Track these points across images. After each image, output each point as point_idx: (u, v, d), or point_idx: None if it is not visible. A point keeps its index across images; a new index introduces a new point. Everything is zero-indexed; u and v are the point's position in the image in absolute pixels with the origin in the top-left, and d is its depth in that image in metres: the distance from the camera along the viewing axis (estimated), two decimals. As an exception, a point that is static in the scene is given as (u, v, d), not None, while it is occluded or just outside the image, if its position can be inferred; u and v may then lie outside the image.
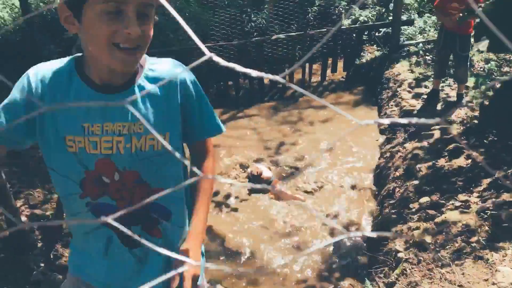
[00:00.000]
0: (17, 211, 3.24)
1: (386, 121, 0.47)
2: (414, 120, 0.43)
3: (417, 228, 3.41)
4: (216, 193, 4.75)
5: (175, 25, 6.91)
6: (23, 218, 3.47)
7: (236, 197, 4.70)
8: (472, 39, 4.84)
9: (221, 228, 4.26)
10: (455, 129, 4.56)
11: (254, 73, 0.43)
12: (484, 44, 3.58)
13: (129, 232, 0.48)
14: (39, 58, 5.40)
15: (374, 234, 0.40)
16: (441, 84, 5.43)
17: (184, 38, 6.77)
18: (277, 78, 0.42)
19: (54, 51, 5.96)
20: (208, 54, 0.44)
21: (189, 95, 1.39)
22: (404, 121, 0.45)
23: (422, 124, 4.86)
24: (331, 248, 3.99)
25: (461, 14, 4.65)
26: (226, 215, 4.46)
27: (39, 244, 3.32)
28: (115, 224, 0.44)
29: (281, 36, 6.89)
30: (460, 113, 4.80)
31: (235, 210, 4.51)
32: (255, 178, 4.77)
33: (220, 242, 4.11)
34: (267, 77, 0.44)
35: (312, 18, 7.78)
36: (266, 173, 4.82)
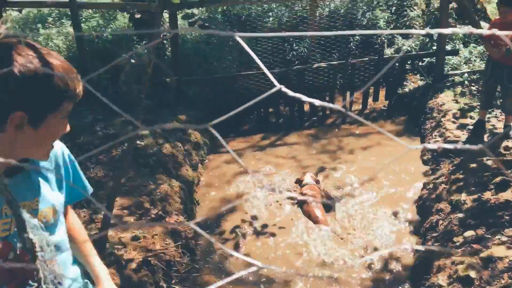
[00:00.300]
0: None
1: (434, 146, 0.50)
2: (460, 145, 0.45)
3: (462, 262, 3.30)
4: (254, 217, 4.78)
5: (219, 53, 7.11)
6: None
7: (274, 225, 4.70)
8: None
9: (256, 254, 4.27)
10: (499, 162, 4.42)
11: (317, 102, 0.47)
12: None
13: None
14: (90, 83, 5.64)
15: (422, 247, 0.42)
16: (488, 115, 5.30)
17: (227, 66, 6.94)
18: (337, 107, 0.46)
19: (104, 76, 6.24)
20: (278, 85, 0.49)
21: (68, 167, 1.54)
22: (450, 146, 0.48)
23: (466, 149, 4.75)
24: (373, 281, 3.90)
25: (508, 46, 4.57)
26: (262, 241, 4.46)
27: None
28: None
29: (323, 64, 6.95)
30: (508, 145, 4.66)
31: (273, 235, 4.51)
32: (298, 182, 5.21)
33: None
34: (328, 106, 0.47)
35: (354, 47, 7.82)
36: (307, 179, 5.09)
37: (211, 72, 6.91)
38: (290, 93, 0.48)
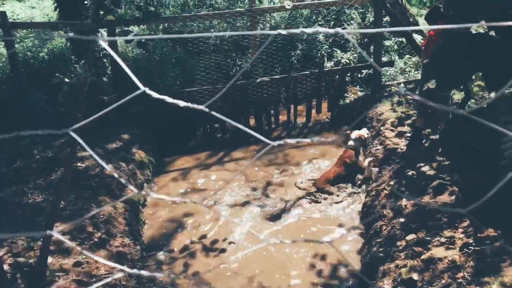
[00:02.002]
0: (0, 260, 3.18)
1: (292, 141, 0.50)
2: (316, 139, 0.46)
3: (404, 265, 3.40)
4: (203, 236, 4.72)
5: (161, 70, 7.05)
6: (6, 267, 3.40)
7: (224, 240, 4.66)
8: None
9: (206, 270, 4.22)
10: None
11: (181, 103, 0.47)
12: (433, 82, 3.72)
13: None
14: (26, 105, 5.41)
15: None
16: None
17: (170, 83, 6.88)
18: (201, 107, 0.46)
19: (41, 98, 6.01)
20: (142, 88, 0.48)
21: None
22: (307, 140, 0.49)
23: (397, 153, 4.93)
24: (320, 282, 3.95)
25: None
26: (211, 258, 4.41)
27: (21, 294, 3.24)
28: None
29: (265, 79, 7.04)
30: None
31: (223, 251, 4.47)
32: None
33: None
34: (193, 107, 0.47)
35: (295, 61, 7.98)
36: (357, 132, 5.74)
37: (153, 89, 6.78)
38: (155, 95, 0.47)
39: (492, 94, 4.76)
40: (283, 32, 0.52)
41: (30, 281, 3.32)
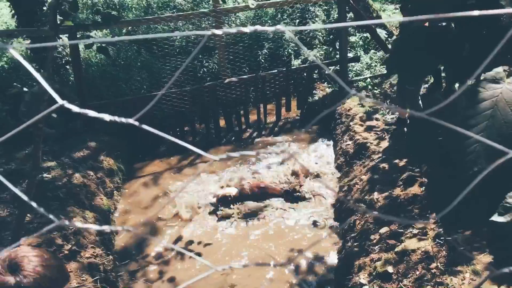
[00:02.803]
0: None
1: (236, 154, 0.47)
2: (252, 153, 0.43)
3: (379, 259, 3.42)
4: (178, 238, 4.66)
5: (127, 75, 6.92)
6: None
7: (199, 243, 4.61)
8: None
9: (181, 275, 4.15)
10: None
11: (107, 117, 0.44)
12: (395, 77, 3.78)
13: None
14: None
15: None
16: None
17: (137, 87, 6.77)
18: (131, 121, 0.43)
19: (2, 108, 5.80)
20: (60, 101, 0.45)
21: None
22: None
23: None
24: (297, 281, 3.94)
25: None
26: (187, 262, 4.35)
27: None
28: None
29: (234, 79, 7.00)
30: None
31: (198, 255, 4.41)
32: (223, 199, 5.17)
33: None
34: (120, 120, 0.44)
35: (263, 60, 7.97)
36: (230, 190, 5.25)
37: (120, 94, 6.69)
38: (76, 109, 0.44)
39: (456, 86, 4.85)
40: (218, 32, 0.49)
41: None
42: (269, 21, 8.42)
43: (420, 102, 5.14)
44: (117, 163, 5.93)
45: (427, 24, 4.39)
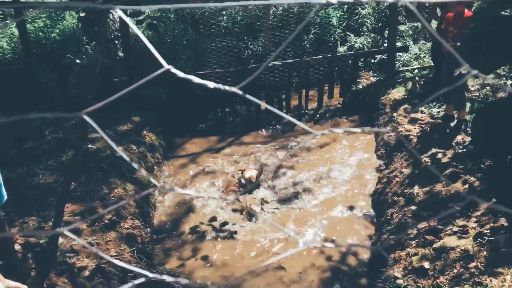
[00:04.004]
0: (11, 239, 3.20)
1: (339, 130, 0.47)
2: (367, 129, 0.42)
3: (416, 254, 3.37)
4: (213, 218, 4.73)
5: (172, 53, 6.99)
6: (17, 247, 3.43)
7: (234, 224, 4.67)
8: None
9: (217, 252, 4.22)
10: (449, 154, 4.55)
11: (211, 84, 0.44)
12: (465, 67, 3.62)
13: None
14: (38, 86, 5.41)
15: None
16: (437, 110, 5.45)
17: (182, 66, 6.84)
18: (234, 89, 0.43)
19: (52, 79, 6.00)
20: (166, 66, 0.46)
21: None
22: (339, 131, 0.45)
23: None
24: (331, 275, 3.94)
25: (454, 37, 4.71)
26: (222, 240, 4.42)
27: (33, 273, 3.27)
28: None
29: (278, 63, 6.96)
30: (458, 138, 4.80)
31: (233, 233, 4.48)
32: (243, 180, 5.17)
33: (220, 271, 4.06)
34: (224, 88, 0.44)
35: (308, 45, 7.88)
36: (250, 172, 5.20)
37: (164, 72, 6.78)
38: (180, 74, 0.44)
39: None
40: (333, 0, 0.49)
41: (41, 262, 3.34)
42: (316, 6, 8.27)
43: (465, 94, 4.96)
44: (159, 139, 6.05)
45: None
